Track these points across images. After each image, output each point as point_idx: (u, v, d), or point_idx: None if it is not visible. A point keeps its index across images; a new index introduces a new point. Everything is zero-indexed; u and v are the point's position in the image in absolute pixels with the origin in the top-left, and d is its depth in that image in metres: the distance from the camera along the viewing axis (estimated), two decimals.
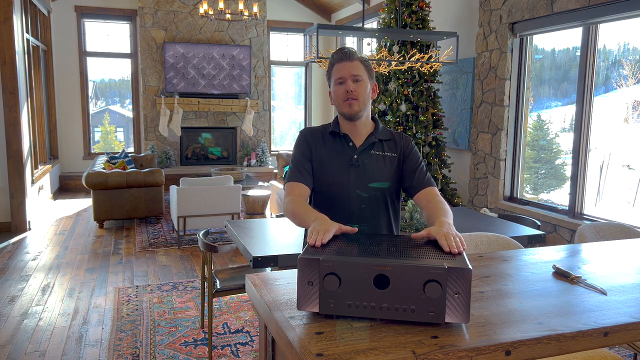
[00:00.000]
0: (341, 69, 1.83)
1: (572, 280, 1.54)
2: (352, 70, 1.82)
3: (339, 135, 1.92)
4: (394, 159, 1.91)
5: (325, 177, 1.88)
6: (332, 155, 1.90)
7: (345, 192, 1.87)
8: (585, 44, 4.36)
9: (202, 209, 5.38)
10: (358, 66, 1.83)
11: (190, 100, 8.78)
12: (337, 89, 1.85)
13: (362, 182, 1.86)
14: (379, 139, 1.91)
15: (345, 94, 1.82)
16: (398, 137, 1.96)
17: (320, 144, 1.93)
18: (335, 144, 1.91)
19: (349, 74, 1.81)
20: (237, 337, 3.31)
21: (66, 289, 4.11)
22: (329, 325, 1.19)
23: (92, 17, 8.73)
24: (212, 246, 2.90)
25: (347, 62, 1.82)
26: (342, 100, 1.84)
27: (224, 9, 6.94)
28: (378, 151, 1.90)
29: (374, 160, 1.89)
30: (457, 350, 1.08)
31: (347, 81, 1.82)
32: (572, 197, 4.53)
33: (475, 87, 5.61)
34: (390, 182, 1.89)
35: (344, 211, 1.86)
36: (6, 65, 5.60)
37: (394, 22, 5.49)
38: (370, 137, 1.90)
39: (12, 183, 5.75)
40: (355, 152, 1.88)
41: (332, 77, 1.87)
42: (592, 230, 2.49)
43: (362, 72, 1.83)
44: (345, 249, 1.31)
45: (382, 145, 1.91)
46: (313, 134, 1.96)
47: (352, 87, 1.81)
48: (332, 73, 1.87)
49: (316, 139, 1.94)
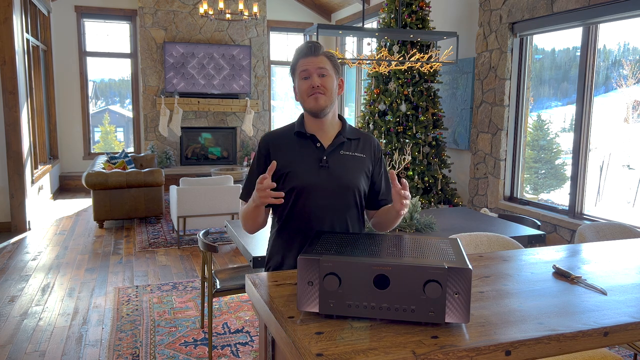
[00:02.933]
0: (306, 64, 1.75)
1: (572, 280, 1.54)
2: (317, 64, 1.75)
3: (305, 136, 1.83)
4: (364, 160, 1.85)
5: (294, 181, 1.77)
6: (300, 157, 1.80)
7: (315, 195, 1.77)
8: (585, 44, 4.36)
9: (202, 209, 5.38)
10: (324, 61, 1.76)
11: (190, 100, 8.77)
12: (302, 84, 1.77)
13: (333, 184, 1.78)
14: (348, 138, 1.84)
15: (311, 89, 1.75)
16: (367, 138, 1.90)
17: (284, 147, 1.83)
18: (302, 146, 1.82)
19: (315, 68, 1.75)
20: (237, 337, 3.31)
21: (66, 289, 4.11)
22: (329, 325, 1.19)
23: (92, 17, 8.73)
24: (212, 246, 2.90)
25: (312, 57, 1.76)
26: (307, 95, 1.76)
27: (224, 9, 6.94)
28: (347, 151, 1.83)
29: (344, 160, 1.81)
30: (457, 350, 1.08)
31: (312, 75, 1.75)
32: (572, 197, 4.52)
33: (475, 87, 5.61)
34: (360, 182, 1.83)
35: (313, 215, 1.79)
36: (6, 65, 5.60)
37: (394, 22, 5.49)
38: (338, 136, 1.83)
39: (12, 183, 5.75)
40: (324, 153, 1.80)
41: (297, 72, 1.79)
42: (592, 230, 2.49)
43: (329, 67, 1.77)
44: (345, 249, 1.31)
45: (351, 145, 1.84)
46: (274, 139, 1.86)
47: (318, 81, 1.74)
48: (297, 68, 1.79)
49: (279, 143, 1.84)
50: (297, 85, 1.81)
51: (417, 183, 5.33)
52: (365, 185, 1.86)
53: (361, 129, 2.00)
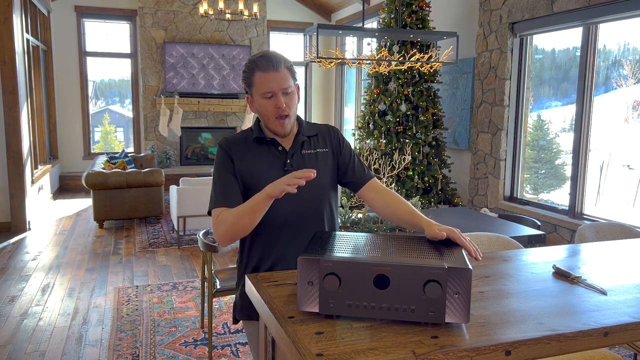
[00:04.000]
0: (268, 81, 1.62)
1: (572, 280, 1.54)
2: (281, 83, 1.62)
3: (265, 142, 1.74)
4: (327, 154, 1.78)
5: (258, 188, 1.60)
6: (262, 164, 1.71)
7: (283, 201, 1.62)
8: (585, 44, 4.36)
9: (202, 209, 5.38)
10: (286, 76, 1.64)
11: (190, 100, 8.78)
12: (266, 104, 1.65)
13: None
14: (307, 136, 1.77)
15: (277, 110, 1.64)
16: (324, 129, 1.84)
17: (245, 153, 1.72)
18: (263, 151, 1.73)
19: (279, 88, 1.62)
20: (237, 337, 3.31)
21: (66, 289, 4.11)
22: (329, 325, 1.19)
23: (92, 17, 8.73)
24: (212, 246, 2.90)
25: (274, 72, 1.62)
26: (273, 116, 1.66)
27: (224, 9, 6.94)
28: (309, 149, 1.76)
29: (307, 160, 1.74)
30: (457, 350, 1.08)
31: (277, 95, 1.63)
32: (572, 197, 4.52)
33: (475, 87, 5.61)
34: (329, 179, 1.77)
35: (283, 222, 1.70)
36: (6, 65, 5.60)
37: (394, 22, 5.49)
38: (298, 136, 1.75)
39: (12, 183, 5.75)
40: (286, 156, 1.72)
41: (255, 88, 1.65)
42: (592, 230, 2.49)
43: (291, 81, 1.66)
44: (345, 249, 1.31)
45: (311, 142, 1.77)
46: (235, 145, 1.74)
47: (284, 101, 1.64)
48: (255, 83, 1.65)
49: (239, 149, 1.73)
50: (258, 103, 1.68)
51: (417, 183, 5.33)
52: (334, 178, 1.80)
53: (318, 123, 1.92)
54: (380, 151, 5.45)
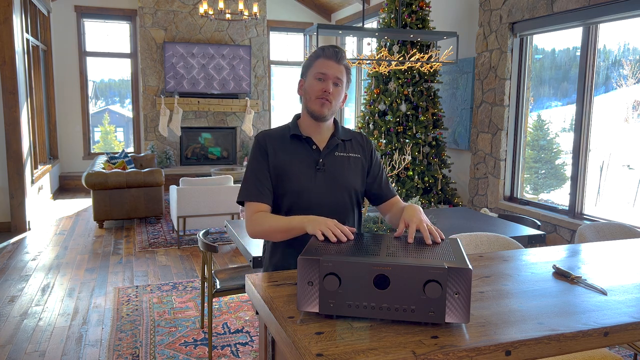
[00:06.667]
0: (326, 66, 1.75)
1: (572, 280, 1.54)
2: (337, 72, 1.75)
3: (300, 139, 1.82)
4: (358, 160, 1.86)
5: (290, 184, 1.76)
6: (295, 160, 1.79)
7: (312, 198, 1.76)
8: (585, 44, 4.36)
9: (202, 209, 5.38)
10: (342, 71, 1.77)
11: (190, 100, 8.78)
12: (315, 84, 1.76)
13: (330, 186, 1.78)
14: (342, 140, 1.85)
15: (322, 92, 1.74)
16: (359, 137, 1.92)
17: (280, 148, 1.80)
18: (298, 148, 1.81)
19: (333, 76, 1.75)
20: (237, 337, 3.31)
21: (66, 289, 4.11)
22: (329, 325, 1.19)
23: (92, 17, 8.73)
24: (212, 246, 2.90)
25: (335, 62, 1.75)
26: (315, 96, 1.75)
27: (224, 9, 6.94)
28: (342, 152, 1.83)
29: (340, 162, 1.82)
30: (457, 350, 1.08)
31: (328, 81, 1.75)
32: (572, 197, 4.52)
33: (475, 87, 5.61)
34: (357, 183, 1.84)
35: None
36: (6, 65, 5.60)
37: (394, 22, 5.49)
38: (333, 138, 1.83)
39: (11, 183, 5.75)
40: (320, 156, 1.80)
41: (312, 69, 1.77)
42: (592, 230, 2.49)
43: (344, 79, 1.78)
44: (345, 249, 1.31)
45: (345, 146, 1.85)
46: (271, 139, 1.83)
47: (331, 89, 1.75)
48: (314, 65, 1.77)
49: (275, 143, 1.81)
50: (308, 82, 1.79)
51: (417, 183, 5.33)
52: (362, 185, 1.87)
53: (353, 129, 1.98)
54: (380, 151, 5.45)
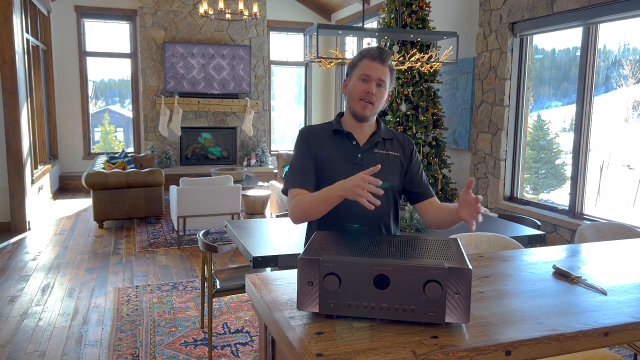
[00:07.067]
0: (371, 68, 1.78)
1: (572, 280, 1.54)
2: (380, 74, 1.78)
3: (342, 134, 1.88)
4: (397, 159, 1.90)
5: (328, 176, 1.82)
6: (335, 154, 1.86)
7: None
8: (585, 44, 4.35)
9: (202, 209, 5.38)
10: (386, 72, 1.80)
11: (190, 100, 8.78)
12: (358, 85, 1.80)
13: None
14: (383, 138, 1.89)
15: (365, 94, 1.78)
16: (401, 137, 1.95)
17: (322, 142, 1.88)
18: (338, 143, 1.87)
19: (377, 77, 1.78)
20: (237, 337, 3.31)
21: (66, 289, 4.11)
22: (329, 325, 1.19)
23: (92, 17, 8.73)
24: (212, 246, 2.90)
25: (379, 64, 1.78)
26: (359, 98, 1.80)
27: (224, 9, 6.94)
28: (382, 150, 1.88)
29: (378, 159, 1.86)
30: (457, 350, 1.08)
31: (371, 82, 1.78)
32: (572, 197, 4.52)
33: (475, 87, 5.61)
34: (394, 181, 1.87)
35: (346, 212, 1.80)
36: (6, 65, 5.60)
37: (394, 22, 5.49)
38: (374, 136, 1.88)
39: (12, 183, 5.75)
40: (359, 151, 1.85)
41: (357, 70, 1.82)
42: (592, 230, 2.49)
43: (388, 80, 1.81)
44: (345, 249, 1.31)
45: (385, 144, 1.90)
46: (314, 132, 1.91)
47: (374, 90, 1.78)
48: (359, 66, 1.81)
49: (317, 137, 1.89)
50: (352, 83, 1.83)
51: None
52: (400, 183, 1.90)
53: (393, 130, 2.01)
54: None
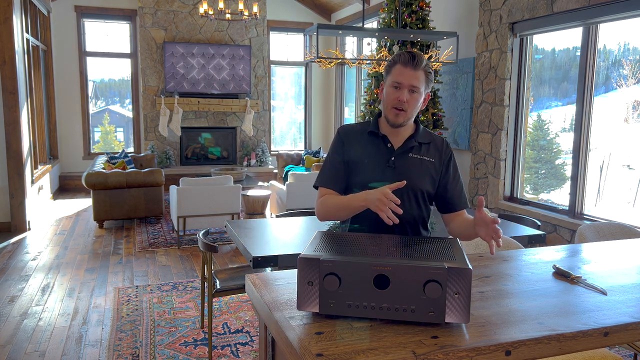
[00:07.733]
0: (402, 74, 1.75)
1: (572, 280, 1.54)
2: (412, 80, 1.75)
3: (377, 136, 1.87)
4: (432, 164, 1.86)
5: (360, 177, 1.83)
6: (369, 155, 1.85)
7: None
8: (585, 44, 4.35)
9: (202, 209, 5.38)
10: (419, 77, 1.76)
11: (190, 100, 8.77)
12: (391, 92, 1.79)
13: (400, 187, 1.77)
14: (419, 142, 1.86)
15: (397, 102, 1.76)
16: (439, 141, 1.91)
17: (357, 143, 1.88)
18: (373, 144, 1.86)
19: (408, 84, 1.75)
20: (237, 337, 3.31)
21: (66, 289, 4.11)
22: (329, 325, 1.19)
23: (92, 17, 8.73)
24: (212, 246, 2.90)
25: (411, 69, 1.75)
26: (391, 106, 1.79)
27: (224, 9, 6.94)
28: (416, 154, 1.85)
29: (411, 163, 1.84)
30: (457, 350, 1.08)
31: (403, 89, 1.76)
32: (572, 197, 4.52)
33: (475, 87, 5.61)
34: (425, 186, 1.84)
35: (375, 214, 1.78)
36: (6, 65, 5.60)
37: (394, 22, 5.49)
38: (409, 139, 1.85)
39: (12, 183, 5.75)
40: (392, 154, 1.84)
41: (390, 76, 1.80)
42: (592, 230, 2.49)
43: (422, 84, 1.77)
44: (345, 249, 1.31)
45: (421, 149, 1.86)
46: (350, 133, 1.91)
47: (406, 97, 1.75)
48: (392, 72, 1.79)
49: (352, 137, 1.90)
50: (386, 89, 1.83)
51: None
52: (433, 189, 1.86)
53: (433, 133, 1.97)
54: None
